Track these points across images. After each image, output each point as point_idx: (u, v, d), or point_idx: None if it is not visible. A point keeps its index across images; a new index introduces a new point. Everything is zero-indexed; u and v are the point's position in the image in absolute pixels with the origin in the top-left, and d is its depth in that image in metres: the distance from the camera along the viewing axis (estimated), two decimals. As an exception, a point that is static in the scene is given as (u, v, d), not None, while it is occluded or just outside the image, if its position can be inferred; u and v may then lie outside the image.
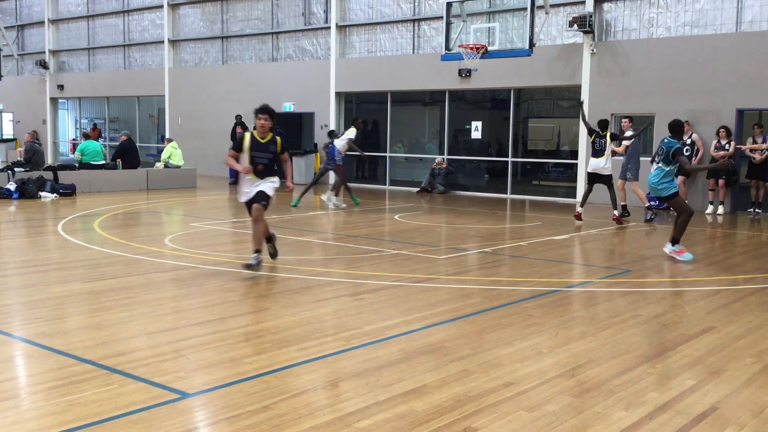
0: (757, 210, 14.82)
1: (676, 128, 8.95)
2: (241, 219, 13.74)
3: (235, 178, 21.48)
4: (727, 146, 14.84)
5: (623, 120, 14.55)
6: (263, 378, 4.65)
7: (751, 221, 13.94)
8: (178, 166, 20.22)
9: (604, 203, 16.53)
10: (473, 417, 4.06)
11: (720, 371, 4.95)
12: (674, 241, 9.11)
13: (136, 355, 5.12)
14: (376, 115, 21.75)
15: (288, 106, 22.71)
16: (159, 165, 20.34)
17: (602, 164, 12.90)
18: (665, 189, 8.98)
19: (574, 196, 17.47)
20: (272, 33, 23.33)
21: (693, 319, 6.51)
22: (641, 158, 14.24)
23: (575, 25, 16.66)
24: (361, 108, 22.86)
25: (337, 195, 15.10)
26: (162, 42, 26.27)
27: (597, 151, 12.94)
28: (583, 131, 17.25)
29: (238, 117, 21.49)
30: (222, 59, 24.81)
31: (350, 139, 14.93)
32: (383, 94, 21.09)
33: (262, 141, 8.00)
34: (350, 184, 15.89)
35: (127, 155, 19.25)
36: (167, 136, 24.92)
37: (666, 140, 8.95)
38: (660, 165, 8.95)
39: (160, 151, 22.75)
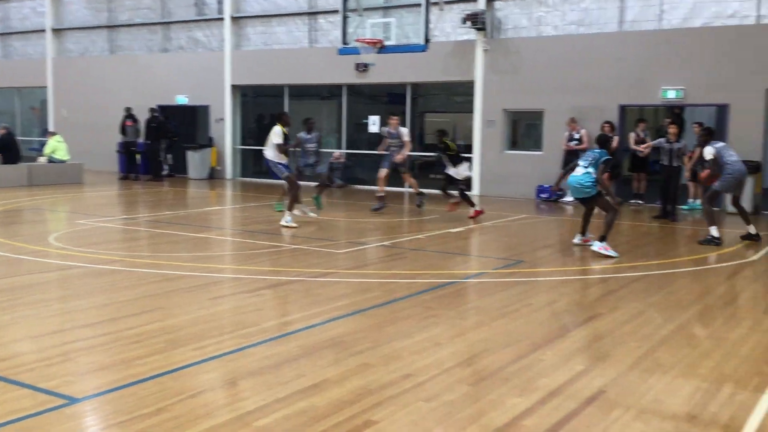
0: (638, 201, 15.63)
1: (604, 142, 9.75)
2: (132, 216, 13.27)
3: (125, 172, 20.74)
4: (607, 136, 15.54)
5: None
6: (158, 379, 4.50)
7: (633, 212, 14.69)
8: (63, 161, 19.28)
9: (499, 197, 17.03)
10: (373, 410, 4.08)
11: (607, 356, 5.19)
12: (602, 239, 9.30)
13: (19, 359, 4.85)
14: (274, 109, 21.43)
15: (181, 99, 22.08)
16: (42, 159, 19.32)
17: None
18: (591, 191, 9.33)
19: (470, 190, 17.82)
20: (162, 23, 22.59)
21: (581, 307, 6.80)
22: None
23: (468, 23, 17.03)
24: (258, 101, 22.52)
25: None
26: (44, 31, 24.94)
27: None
28: (477, 126, 17.68)
29: (128, 109, 20.72)
30: (109, 49, 23.82)
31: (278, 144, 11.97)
32: (280, 88, 20.86)
33: None
34: (252, 180, 15.60)
35: (6, 149, 18.20)
36: (50, 129, 23.69)
37: (596, 151, 9.55)
38: (589, 170, 9.33)
39: (42, 144, 21.62)
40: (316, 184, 13.57)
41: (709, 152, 10.37)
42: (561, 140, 16.16)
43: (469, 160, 13.55)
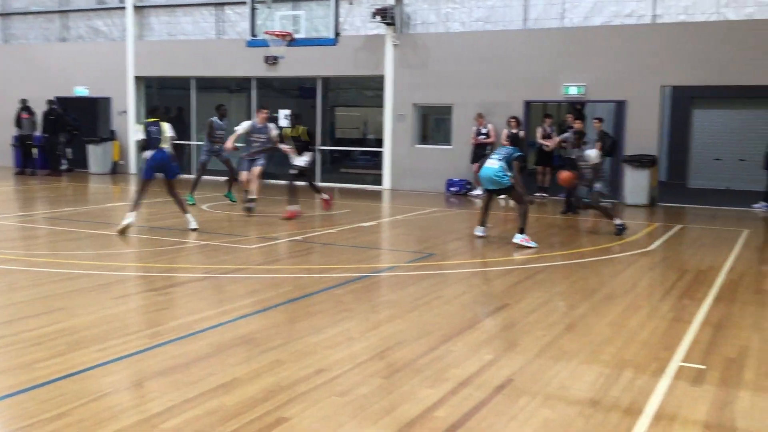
0: (543, 194, 16.11)
1: (517, 141, 10.58)
2: (29, 212, 12.65)
3: (21, 167, 19.75)
4: (518, 134, 15.98)
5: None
6: (58, 383, 4.31)
7: (539, 205, 15.13)
8: (-47, 155, 18.18)
9: (410, 191, 17.19)
10: (286, 407, 4.04)
11: (514, 345, 5.32)
12: (521, 230, 9.69)
13: None
14: (180, 102, 20.94)
15: (81, 91, 21.20)
16: (-71, 154, 18.16)
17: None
18: (506, 181, 9.75)
19: (381, 184, 17.98)
20: (60, 11, 21.61)
21: (490, 298, 6.95)
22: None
23: (378, 17, 17.09)
24: (163, 94, 21.90)
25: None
26: (-71, 16, 23.43)
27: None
28: (388, 121, 17.78)
29: (24, 101, 19.74)
30: (3, 38, 22.59)
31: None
32: (186, 80, 20.35)
33: None
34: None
35: None
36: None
37: (509, 147, 10.08)
38: (502, 163, 9.74)
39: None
40: (226, 179, 13.32)
41: (596, 155, 10.93)
42: (469, 134, 16.46)
43: (312, 151, 12.42)
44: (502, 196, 11.42)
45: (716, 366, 4.92)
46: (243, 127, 12.46)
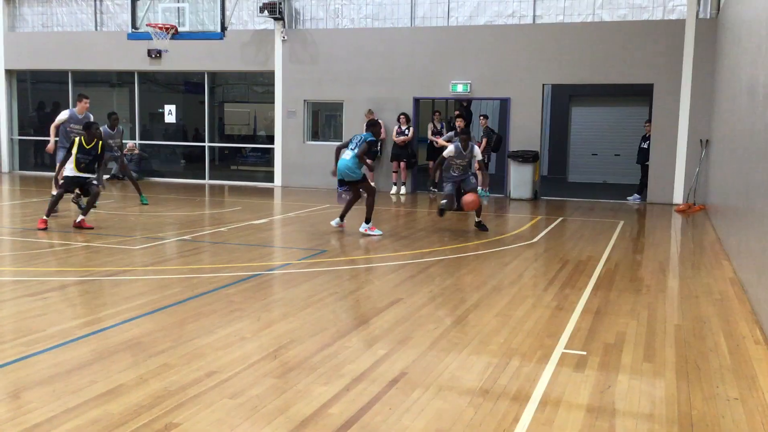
0: (433, 189, 16.41)
1: (372, 125, 10.45)
2: None
3: None
4: (406, 131, 16.21)
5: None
6: (-77, 399, 4.00)
7: (430, 200, 15.41)
8: None
9: (301, 187, 17.11)
10: (175, 412, 3.92)
11: (407, 339, 5.39)
12: (367, 220, 10.19)
13: None
14: (57, 96, 19.91)
15: (-55, 84, 19.77)
16: None
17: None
18: (358, 174, 10.13)
19: (273, 181, 17.78)
20: None
21: (382, 293, 7.01)
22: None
23: (266, 11, 16.87)
24: (38, 88, 20.76)
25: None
26: None
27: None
28: (279, 117, 17.59)
29: None
30: None
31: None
32: (64, 74, 19.36)
33: None
34: (34, 173, 14.30)
35: None
36: None
37: (364, 134, 10.26)
38: (356, 152, 10.00)
39: None
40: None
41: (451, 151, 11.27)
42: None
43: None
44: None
45: (596, 351, 5.16)
46: (61, 117, 11.65)
